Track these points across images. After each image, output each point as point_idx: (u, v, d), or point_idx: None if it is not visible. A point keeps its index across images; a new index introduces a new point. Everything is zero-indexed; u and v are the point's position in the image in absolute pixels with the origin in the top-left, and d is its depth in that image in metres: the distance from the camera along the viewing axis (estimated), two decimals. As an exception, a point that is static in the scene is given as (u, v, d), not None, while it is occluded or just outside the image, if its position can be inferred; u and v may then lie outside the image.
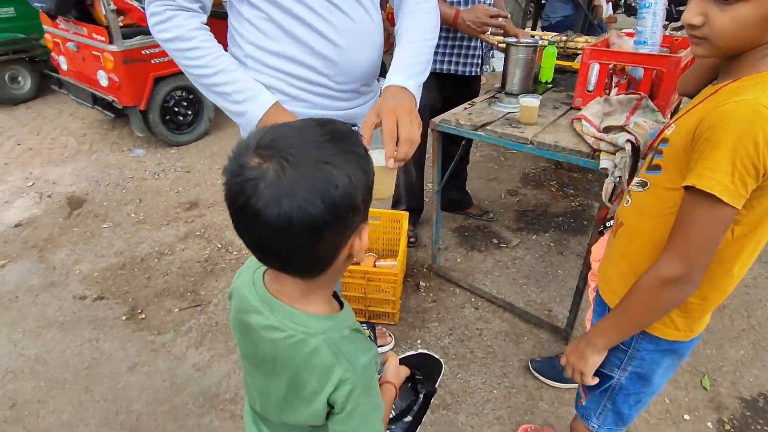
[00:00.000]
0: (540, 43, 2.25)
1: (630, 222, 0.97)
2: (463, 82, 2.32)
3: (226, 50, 1.12)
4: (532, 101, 1.75)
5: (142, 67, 3.47)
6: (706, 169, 0.75)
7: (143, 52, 3.45)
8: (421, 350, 1.11)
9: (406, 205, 2.62)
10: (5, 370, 1.88)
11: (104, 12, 3.25)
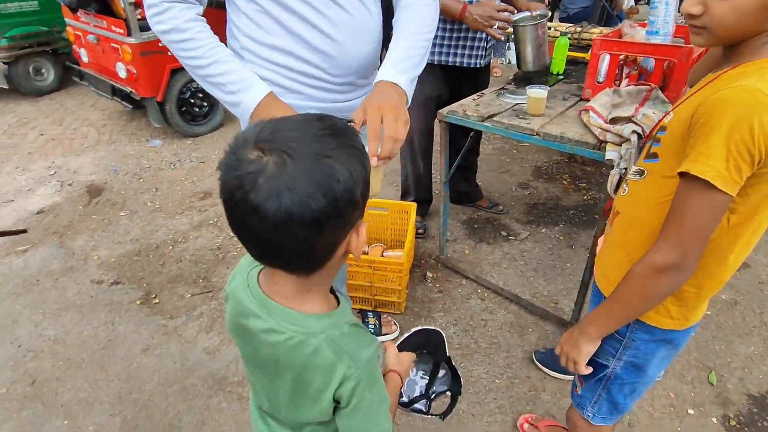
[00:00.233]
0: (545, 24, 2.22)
1: (626, 211, 0.96)
2: (470, 74, 2.31)
3: (224, 42, 1.12)
4: (539, 92, 1.74)
5: (159, 59, 3.54)
6: (700, 155, 0.75)
7: (160, 44, 3.49)
8: (414, 329, 1.11)
9: (415, 197, 2.63)
10: (26, 349, 1.96)
11: (123, 5, 3.32)
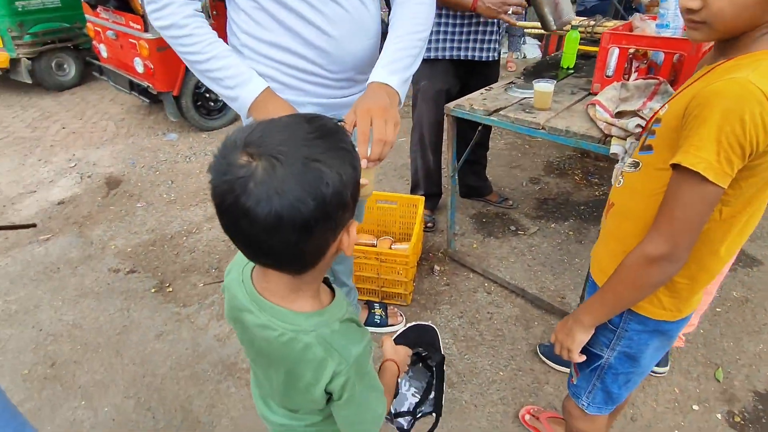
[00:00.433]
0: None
1: (621, 203, 0.97)
2: (480, 68, 2.31)
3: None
4: (545, 86, 1.74)
5: (175, 55, 3.50)
6: (692, 147, 0.75)
7: (177, 39, 3.58)
8: (409, 324, 1.14)
9: (424, 190, 2.65)
10: (47, 333, 2.05)
11: (140, 1, 3.40)
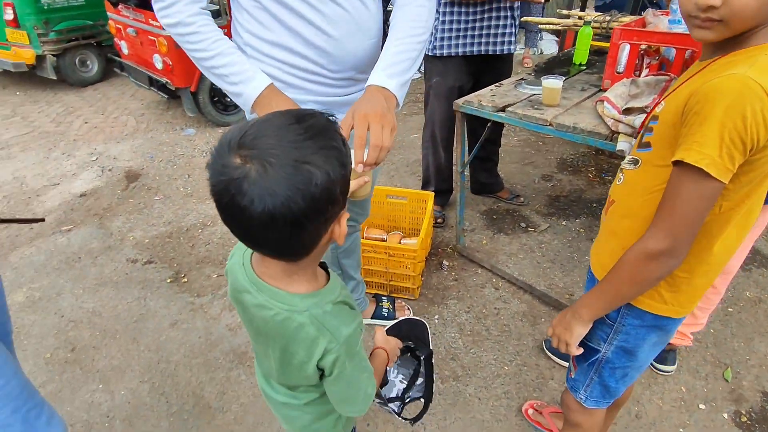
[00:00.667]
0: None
1: (621, 200, 0.98)
2: (493, 63, 2.31)
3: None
4: (554, 82, 1.74)
5: None
6: (694, 143, 0.76)
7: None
8: (401, 318, 1.18)
9: (435, 187, 2.67)
10: (68, 320, 2.14)
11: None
